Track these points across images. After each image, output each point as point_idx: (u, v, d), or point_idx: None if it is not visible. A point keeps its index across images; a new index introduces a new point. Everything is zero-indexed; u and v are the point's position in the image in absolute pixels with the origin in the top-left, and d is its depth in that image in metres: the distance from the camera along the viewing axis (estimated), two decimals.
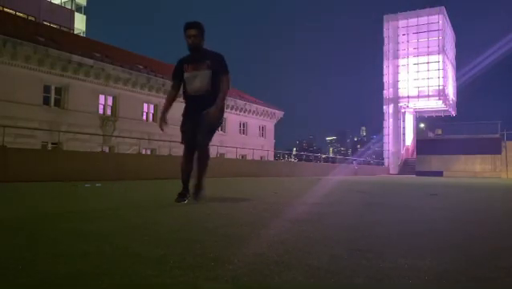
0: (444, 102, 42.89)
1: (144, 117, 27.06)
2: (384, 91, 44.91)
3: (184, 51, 3.91)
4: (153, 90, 26.99)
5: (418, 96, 43.15)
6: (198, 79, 3.71)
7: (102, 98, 24.35)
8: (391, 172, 39.57)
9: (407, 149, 44.55)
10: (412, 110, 46.00)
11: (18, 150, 10.07)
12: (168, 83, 28.36)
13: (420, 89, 42.98)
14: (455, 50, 49.54)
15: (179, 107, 3.89)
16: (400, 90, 43.94)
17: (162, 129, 3.79)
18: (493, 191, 8.24)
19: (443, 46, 42.39)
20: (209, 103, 3.65)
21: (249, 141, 32.09)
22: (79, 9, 38.68)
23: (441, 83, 42.12)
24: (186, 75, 3.74)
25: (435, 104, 43.70)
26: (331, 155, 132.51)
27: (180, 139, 3.84)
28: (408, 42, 43.86)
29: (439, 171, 28.27)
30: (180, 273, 1.29)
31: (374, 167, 37.63)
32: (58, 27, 30.37)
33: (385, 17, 45.33)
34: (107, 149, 22.74)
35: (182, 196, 3.73)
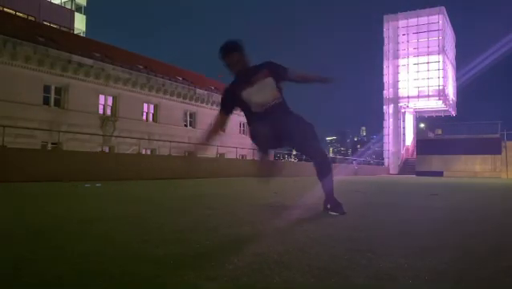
0: (444, 102, 42.93)
1: (144, 117, 27.04)
2: (384, 91, 44.93)
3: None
4: (153, 90, 26.99)
5: (418, 96, 43.17)
6: (261, 92, 3.07)
7: (102, 98, 24.35)
8: (391, 172, 39.57)
9: (407, 149, 44.56)
10: (412, 110, 46.02)
11: (18, 150, 10.06)
12: (168, 83, 28.52)
13: (420, 89, 43.00)
14: (455, 50, 49.55)
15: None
16: (400, 90, 43.97)
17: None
18: (493, 191, 8.24)
19: (443, 47, 42.42)
20: (284, 109, 3.08)
21: (249, 141, 31.86)
22: (79, 9, 38.65)
23: (441, 83, 42.14)
24: (244, 94, 3.09)
25: (435, 104, 43.73)
26: (331, 155, 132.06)
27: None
28: (408, 42, 43.88)
29: (439, 171, 28.25)
30: (180, 273, 1.29)
31: (374, 167, 37.59)
32: (58, 27, 30.33)
33: (385, 17, 45.35)
34: (107, 149, 22.73)
35: None
